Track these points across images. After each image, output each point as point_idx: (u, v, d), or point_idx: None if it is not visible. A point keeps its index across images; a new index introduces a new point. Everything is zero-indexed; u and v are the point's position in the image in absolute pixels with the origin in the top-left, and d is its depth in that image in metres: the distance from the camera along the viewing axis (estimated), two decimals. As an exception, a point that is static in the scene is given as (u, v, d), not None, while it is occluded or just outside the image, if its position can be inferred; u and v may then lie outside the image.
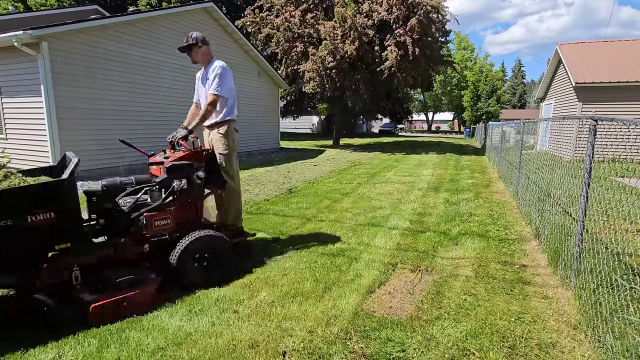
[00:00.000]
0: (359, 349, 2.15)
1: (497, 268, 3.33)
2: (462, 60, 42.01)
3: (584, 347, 2.17)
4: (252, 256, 3.57)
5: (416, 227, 4.62)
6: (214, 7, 10.94)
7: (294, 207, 5.56)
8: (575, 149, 10.94)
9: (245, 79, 13.18)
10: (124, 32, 8.46)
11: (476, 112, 34.83)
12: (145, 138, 9.28)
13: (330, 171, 9.80)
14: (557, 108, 15.01)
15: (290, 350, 2.12)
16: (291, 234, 4.27)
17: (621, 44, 14.45)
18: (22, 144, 7.63)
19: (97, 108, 7.96)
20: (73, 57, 7.39)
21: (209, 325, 2.35)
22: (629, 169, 2.30)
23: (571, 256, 2.87)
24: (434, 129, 60.88)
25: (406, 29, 14.90)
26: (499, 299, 2.74)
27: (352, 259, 3.52)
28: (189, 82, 10.50)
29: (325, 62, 15.35)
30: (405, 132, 48.07)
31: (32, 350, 2.06)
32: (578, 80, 12.20)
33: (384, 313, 2.55)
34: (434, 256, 3.62)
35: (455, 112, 50.70)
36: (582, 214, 2.73)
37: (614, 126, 2.37)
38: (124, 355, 2.06)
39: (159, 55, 9.50)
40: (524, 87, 75.82)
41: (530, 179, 5.06)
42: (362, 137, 32.44)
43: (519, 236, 4.27)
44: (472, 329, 2.34)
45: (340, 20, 15.03)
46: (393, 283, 3.03)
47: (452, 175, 9.22)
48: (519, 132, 6.96)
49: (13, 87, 7.45)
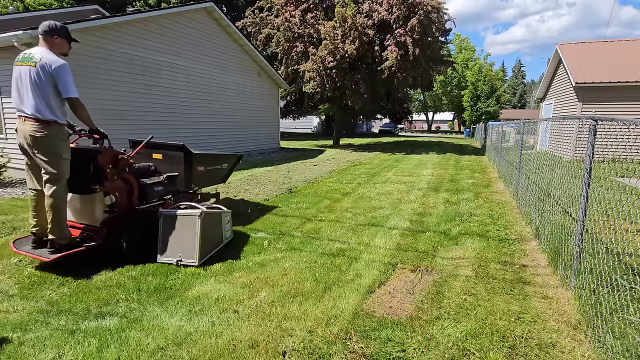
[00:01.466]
0: (359, 349, 2.15)
1: (497, 268, 3.33)
2: (462, 60, 41.98)
3: (584, 347, 2.17)
4: (252, 256, 3.57)
5: (416, 227, 4.62)
6: (214, 7, 10.94)
7: (294, 207, 5.56)
8: (575, 149, 10.94)
9: (246, 79, 13.19)
10: (124, 32, 8.46)
11: (476, 112, 34.83)
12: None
13: (330, 171, 9.80)
14: (557, 108, 15.01)
15: (290, 350, 2.12)
16: (291, 234, 4.27)
17: (621, 44, 14.44)
18: (22, 144, 7.62)
19: (97, 108, 7.95)
20: (73, 57, 7.38)
21: (209, 325, 2.35)
22: (629, 169, 2.30)
23: (571, 256, 2.87)
24: (434, 129, 60.85)
25: (406, 29, 14.91)
26: (499, 299, 2.74)
27: (352, 259, 3.52)
28: (189, 82, 10.54)
29: (326, 62, 15.35)
30: (405, 132, 48.07)
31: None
32: (578, 80, 12.20)
33: (384, 313, 2.55)
34: (434, 256, 3.62)
35: (455, 112, 50.68)
36: (582, 214, 2.73)
37: (614, 126, 2.37)
38: (124, 355, 2.06)
39: (160, 55, 9.50)
40: (524, 87, 75.82)
41: (530, 179, 5.06)
42: (362, 137, 32.45)
43: (519, 236, 4.27)
44: (472, 329, 2.34)
45: (340, 20, 15.04)
46: (393, 283, 3.03)
47: (452, 175, 9.22)
48: (518, 132, 6.96)
49: (13, 87, 7.45)
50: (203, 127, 11.23)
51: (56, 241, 3.03)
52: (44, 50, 2.95)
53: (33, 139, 2.92)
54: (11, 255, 3.46)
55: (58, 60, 2.92)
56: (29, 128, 2.91)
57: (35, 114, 2.89)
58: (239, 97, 12.91)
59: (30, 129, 2.90)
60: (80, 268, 3.13)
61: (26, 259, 3.34)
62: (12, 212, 5.02)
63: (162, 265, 3.25)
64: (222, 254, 3.57)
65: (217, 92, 11.75)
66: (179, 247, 3.29)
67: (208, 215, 3.44)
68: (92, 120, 3.20)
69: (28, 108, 2.90)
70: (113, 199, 3.34)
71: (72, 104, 3.01)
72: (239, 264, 3.37)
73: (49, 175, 2.95)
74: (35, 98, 2.88)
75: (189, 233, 3.28)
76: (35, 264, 3.22)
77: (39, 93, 2.88)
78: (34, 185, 3.13)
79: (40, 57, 2.88)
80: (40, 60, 2.87)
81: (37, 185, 3.12)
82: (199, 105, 11.04)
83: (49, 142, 2.93)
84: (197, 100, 10.96)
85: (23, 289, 2.81)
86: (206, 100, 11.33)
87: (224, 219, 3.81)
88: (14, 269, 3.17)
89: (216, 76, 11.68)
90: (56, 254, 3.00)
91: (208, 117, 11.48)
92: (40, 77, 2.86)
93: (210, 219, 3.51)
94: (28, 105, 2.89)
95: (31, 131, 2.90)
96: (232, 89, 12.52)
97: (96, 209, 3.37)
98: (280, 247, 3.84)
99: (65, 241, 3.08)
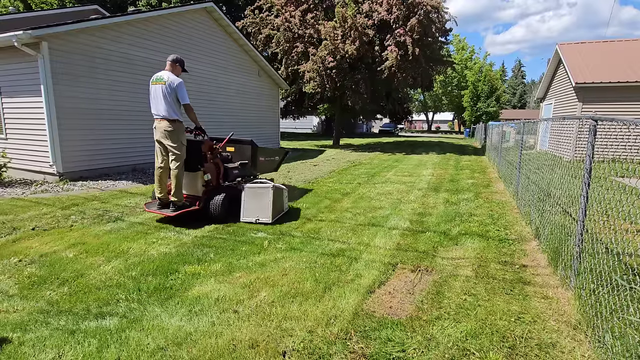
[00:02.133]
0: (359, 349, 2.15)
1: (497, 268, 3.33)
2: (461, 60, 41.97)
3: (584, 347, 2.17)
4: (252, 256, 3.57)
5: (416, 227, 4.62)
6: (214, 7, 10.94)
7: (293, 207, 5.55)
8: (575, 149, 10.95)
9: (246, 79, 13.19)
10: (124, 32, 8.46)
11: (476, 112, 34.82)
12: (146, 138, 9.29)
13: (330, 171, 9.80)
14: (557, 108, 15.01)
15: (290, 350, 2.12)
16: (291, 234, 4.27)
17: (621, 44, 14.45)
18: (22, 144, 7.63)
19: (97, 108, 7.96)
20: (73, 57, 7.39)
21: (209, 325, 2.35)
22: (629, 169, 2.30)
23: (571, 256, 2.87)
24: (434, 129, 60.86)
25: (406, 29, 14.90)
26: (499, 299, 2.74)
27: (352, 259, 3.52)
28: (189, 82, 10.53)
29: (326, 62, 15.35)
30: (405, 132, 48.08)
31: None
32: (578, 80, 12.20)
33: (384, 313, 2.55)
34: (434, 256, 3.62)
35: (455, 112, 50.67)
36: (582, 214, 2.73)
37: (614, 126, 2.37)
38: (124, 355, 2.06)
39: (160, 55, 9.49)
40: (524, 87, 75.84)
41: (530, 179, 5.06)
42: (362, 137, 32.45)
43: (519, 236, 4.27)
44: (472, 329, 2.34)
45: (340, 20, 15.03)
46: (393, 283, 3.03)
47: (452, 175, 9.22)
48: (518, 132, 6.96)
49: (13, 87, 7.45)
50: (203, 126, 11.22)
51: (176, 202, 4.44)
52: (169, 72, 4.38)
53: (165, 132, 4.32)
54: (11, 255, 3.47)
55: (177, 79, 4.34)
56: (163, 125, 4.33)
57: (166, 116, 4.29)
58: (238, 97, 12.91)
59: (164, 125, 4.32)
60: (190, 222, 4.59)
61: (26, 258, 3.40)
62: (12, 212, 5.02)
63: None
64: (223, 254, 3.58)
65: (216, 92, 11.75)
66: (257, 210, 4.68)
67: (276, 189, 4.78)
68: (197, 120, 4.62)
69: (161, 112, 4.31)
70: (209, 177, 4.76)
71: (186, 108, 4.41)
72: (239, 264, 3.37)
73: (174, 156, 4.35)
74: (166, 105, 4.27)
75: (264, 200, 4.66)
76: (156, 219, 4.77)
77: (167, 101, 4.27)
78: (159, 164, 4.49)
79: (167, 78, 4.29)
80: (167, 79, 4.27)
81: (162, 164, 4.48)
82: (198, 105, 11.02)
83: (175, 133, 4.35)
84: (197, 100, 10.96)
85: (23, 289, 2.81)
86: (206, 100, 11.32)
87: (284, 194, 5.13)
88: (14, 269, 3.18)
89: (216, 76, 11.68)
90: (176, 211, 4.42)
91: (208, 117, 11.46)
92: (168, 91, 4.25)
93: (277, 192, 4.82)
94: (161, 110, 4.30)
95: (165, 127, 4.32)
96: (232, 89, 12.51)
97: (198, 183, 4.74)
98: (280, 247, 3.84)
99: (181, 202, 4.48)
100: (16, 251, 3.59)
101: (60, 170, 7.26)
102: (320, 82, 15.99)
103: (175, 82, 4.28)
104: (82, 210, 5.16)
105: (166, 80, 4.26)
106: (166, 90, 4.24)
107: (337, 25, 15.17)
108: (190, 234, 4.20)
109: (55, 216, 4.86)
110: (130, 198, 6.05)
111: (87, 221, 4.67)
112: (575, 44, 14.71)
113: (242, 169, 5.41)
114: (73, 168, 7.50)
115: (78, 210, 5.20)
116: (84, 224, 4.56)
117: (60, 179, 7.25)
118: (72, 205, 5.43)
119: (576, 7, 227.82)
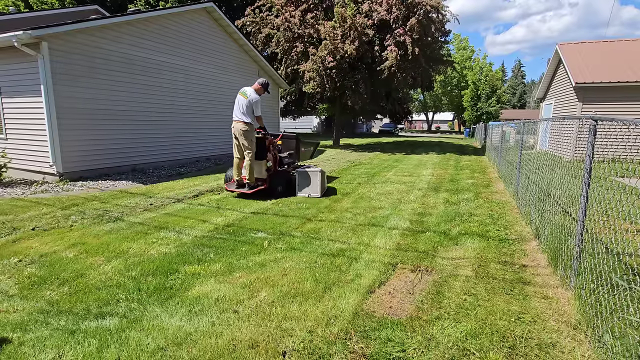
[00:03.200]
0: (359, 349, 2.15)
1: (497, 268, 3.33)
2: (461, 60, 41.96)
3: (584, 347, 2.17)
4: (252, 256, 3.57)
5: (416, 227, 4.62)
6: (214, 7, 10.94)
7: (293, 207, 5.56)
8: (575, 149, 10.95)
9: (246, 79, 13.18)
10: (124, 32, 8.46)
11: (476, 112, 34.82)
12: (146, 138, 9.30)
13: (330, 171, 9.80)
14: (557, 108, 15.01)
15: (290, 350, 2.12)
16: (291, 234, 4.27)
17: (621, 44, 14.44)
18: (22, 144, 7.63)
19: (97, 108, 7.96)
20: (73, 57, 7.39)
21: (209, 325, 2.35)
22: (629, 169, 2.30)
23: (571, 256, 2.87)
24: (434, 129, 60.84)
25: (406, 29, 14.90)
26: (499, 299, 2.74)
27: (352, 259, 3.52)
28: (190, 82, 10.54)
29: (325, 62, 15.34)
30: (405, 132, 48.07)
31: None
32: (578, 80, 12.20)
33: (384, 313, 2.55)
34: (434, 256, 3.62)
35: (455, 112, 50.67)
36: (582, 214, 2.73)
37: (614, 126, 2.37)
38: (124, 355, 2.06)
39: (160, 55, 9.50)
40: (524, 87, 75.83)
41: (530, 179, 5.06)
42: (362, 137, 32.46)
43: (519, 236, 4.28)
44: (472, 329, 2.34)
45: (340, 20, 15.03)
46: (393, 283, 3.03)
47: (452, 175, 9.23)
48: (519, 132, 6.96)
49: (13, 87, 7.45)
50: (203, 126, 11.23)
51: (250, 184, 5.96)
52: (253, 90, 5.85)
53: (241, 131, 5.76)
54: (11, 255, 3.47)
55: (257, 97, 5.81)
56: (240, 126, 5.76)
57: (244, 119, 5.73)
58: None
59: (241, 126, 5.76)
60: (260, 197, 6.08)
61: (26, 258, 3.42)
62: (12, 212, 5.02)
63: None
64: (223, 254, 3.58)
65: (216, 91, 11.75)
66: (308, 188, 6.28)
67: (322, 172, 6.34)
68: (263, 123, 6.01)
69: (239, 116, 5.75)
70: (270, 164, 6.21)
71: (257, 118, 5.86)
72: (239, 264, 3.37)
73: (248, 150, 5.83)
74: (244, 111, 5.73)
75: (314, 180, 6.24)
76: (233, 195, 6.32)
77: (246, 110, 5.73)
78: (237, 155, 6.00)
79: (250, 94, 5.77)
80: (249, 96, 5.76)
81: (239, 155, 5.99)
82: (199, 105, 11.04)
83: (248, 133, 5.80)
84: (197, 100, 10.97)
85: (23, 289, 2.81)
86: (206, 100, 11.32)
87: (325, 176, 6.59)
88: (14, 269, 3.18)
89: (216, 76, 11.68)
90: (252, 190, 5.94)
91: (208, 117, 11.48)
92: (248, 104, 5.73)
93: (322, 174, 6.34)
94: (239, 115, 5.75)
95: (241, 127, 5.75)
96: (232, 88, 12.51)
97: (263, 169, 6.22)
98: (280, 247, 3.84)
99: (253, 183, 6.00)
100: (16, 251, 3.59)
101: (60, 170, 7.26)
102: (320, 82, 15.98)
103: (254, 100, 5.77)
104: (82, 211, 5.16)
105: (248, 95, 5.75)
106: (246, 103, 5.73)
107: (337, 25, 15.16)
108: (190, 234, 4.21)
109: (55, 216, 4.86)
110: (130, 198, 6.05)
111: (87, 221, 4.67)
112: (575, 44, 14.70)
113: (289, 158, 6.89)
114: (73, 168, 7.50)
115: (78, 210, 5.20)
116: (84, 224, 4.56)
117: (60, 179, 7.25)
118: (72, 205, 5.43)
119: (577, 8, 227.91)
